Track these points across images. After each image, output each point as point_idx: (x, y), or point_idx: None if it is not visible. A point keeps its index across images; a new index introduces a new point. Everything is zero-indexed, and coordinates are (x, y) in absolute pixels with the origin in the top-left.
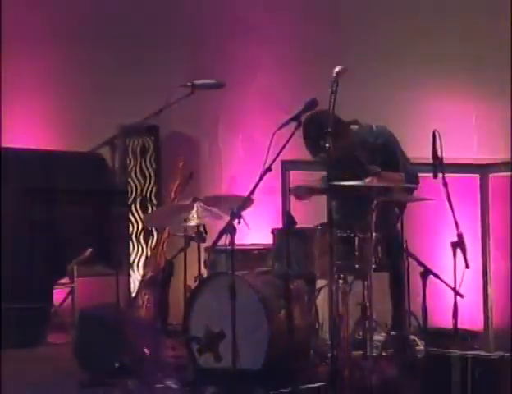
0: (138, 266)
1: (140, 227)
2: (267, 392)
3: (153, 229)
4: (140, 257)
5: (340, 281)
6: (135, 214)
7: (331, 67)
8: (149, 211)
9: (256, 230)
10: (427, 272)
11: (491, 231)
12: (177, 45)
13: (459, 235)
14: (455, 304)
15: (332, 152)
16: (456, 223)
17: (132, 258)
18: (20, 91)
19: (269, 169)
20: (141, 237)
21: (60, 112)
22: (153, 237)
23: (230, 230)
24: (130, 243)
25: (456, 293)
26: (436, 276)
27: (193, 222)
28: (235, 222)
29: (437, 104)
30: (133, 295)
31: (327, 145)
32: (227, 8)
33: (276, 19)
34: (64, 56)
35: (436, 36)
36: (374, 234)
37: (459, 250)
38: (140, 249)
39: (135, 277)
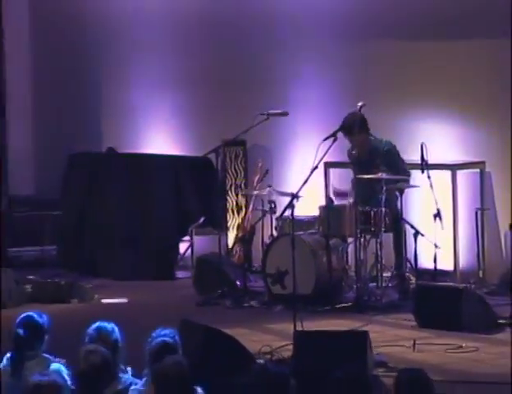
0: (233, 229)
1: (234, 203)
2: (315, 309)
3: (243, 204)
4: (234, 223)
5: (362, 239)
6: (231, 195)
7: (357, 102)
8: (239, 195)
9: (308, 205)
10: (416, 233)
11: (458, 207)
12: (259, 86)
13: (438, 210)
14: (435, 253)
15: (358, 155)
16: (436, 201)
17: (229, 224)
18: (158, 112)
19: (316, 167)
20: (235, 210)
21: (184, 129)
22: (242, 210)
23: (291, 206)
24: (228, 213)
25: (435, 246)
26: (423, 235)
27: (268, 200)
28: (295, 200)
29: (424, 125)
30: (229, 247)
31: (353, 152)
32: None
33: (321, 73)
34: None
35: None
36: (383, 209)
37: (437, 219)
38: (234, 217)
39: (231, 236)
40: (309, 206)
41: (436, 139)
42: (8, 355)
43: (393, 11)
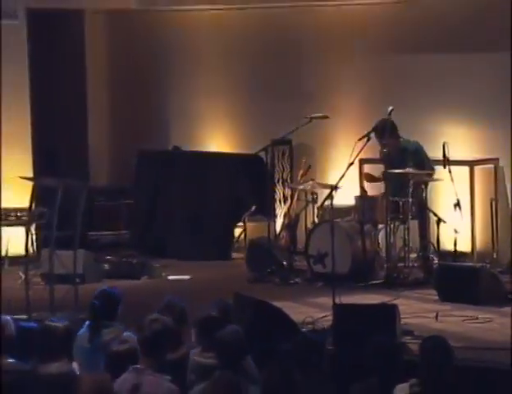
0: (280, 216)
1: (281, 194)
2: (351, 285)
3: (289, 196)
4: (281, 211)
5: (391, 225)
6: (279, 188)
7: (387, 107)
8: (286, 187)
9: (345, 196)
10: (439, 220)
11: (475, 198)
12: (304, 93)
13: (457, 200)
14: (455, 238)
15: (388, 152)
16: (456, 192)
17: (277, 212)
18: (216, 115)
19: (352, 163)
20: (282, 200)
21: (238, 130)
22: (288, 200)
23: (330, 196)
24: (276, 203)
25: (455, 231)
26: (444, 222)
27: (310, 192)
28: (333, 192)
29: (446, 127)
30: (277, 232)
31: (385, 150)
32: None
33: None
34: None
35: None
36: (410, 199)
37: (457, 208)
38: (281, 207)
39: (279, 223)
40: (346, 196)
41: (456, 139)
42: (87, 323)
43: (417, 27)
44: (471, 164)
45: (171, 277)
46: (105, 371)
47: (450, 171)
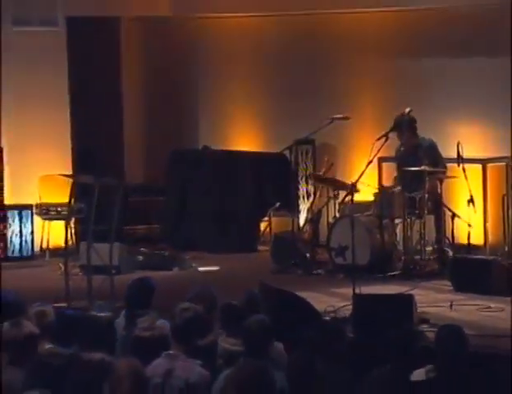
0: (303, 211)
1: (305, 191)
2: (370, 276)
3: (311, 192)
4: (305, 207)
5: (408, 220)
6: (302, 185)
7: (404, 108)
8: (309, 184)
9: (365, 192)
10: (453, 215)
11: (488, 194)
12: (326, 95)
13: (471, 196)
14: (469, 232)
15: (404, 152)
16: (469, 189)
17: (300, 207)
18: (243, 117)
19: (371, 161)
20: (305, 196)
21: (264, 131)
22: (311, 196)
23: (350, 193)
24: (299, 199)
25: (469, 225)
26: (458, 217)
27: (331, 189)
28: (353, 188)
29: (460, 127)
30: (301, 226)
31: (402, 149)
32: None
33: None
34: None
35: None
36: (426, 195)
37: (471, 204)
38: (305, 202)
39: (302, 217)
40: (366, 193)
41: (470, 139)
42: (123, 312)
43: (434, 33)
44: (484, 162)
45: (200, 269)
46: (133, 356)
47: (463, 169)
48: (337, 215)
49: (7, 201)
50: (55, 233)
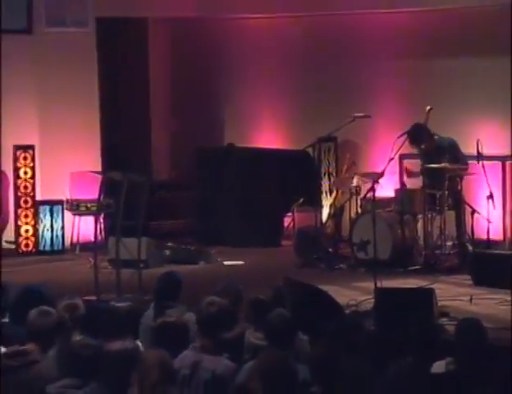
0: (326, 207)
1: (327, 187)
2: (391, 271)
3: (334, 188)
4: (327, 203)
5: (429, 216)
6: (325, 181)
7: (425, 106)
8: (332, 180)
9: (386, 189)
10: (473, 211)
11: (507, 190)
12: (348, 94)
13: (490, 192)
14: (488, 227)
15: (425, 149)
16: (489, 185)
17: (323, 203)
18: (267, 115)
19: (392, 158)
20: (328, 192)
21: (288, 128)
22: (333, 192)
23: (372, 189)
24: (322, 195)
25: (488, 221)
26: (478, 212)
27: (354, 185)
28: (375, 185)
29: (480, 125)
30: (323, 221)
31: (422, 147)
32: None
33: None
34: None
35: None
36: (446, 192)
37: (490, 200)
38: (327, 198)
39: (325, 213)
40: (387, 189)
41: (489, 137)
42: (152, 304)
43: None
44: (503, 159)
45: (226, 263)
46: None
47: (483, 166)
48: (359, 211)
49: (39, 197)
50: (85, 228)
